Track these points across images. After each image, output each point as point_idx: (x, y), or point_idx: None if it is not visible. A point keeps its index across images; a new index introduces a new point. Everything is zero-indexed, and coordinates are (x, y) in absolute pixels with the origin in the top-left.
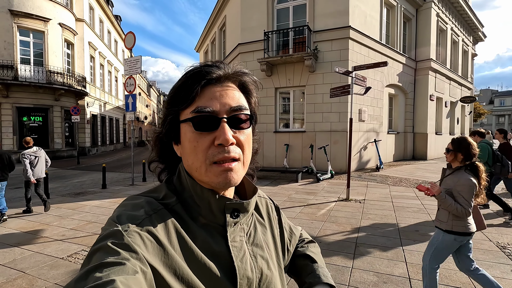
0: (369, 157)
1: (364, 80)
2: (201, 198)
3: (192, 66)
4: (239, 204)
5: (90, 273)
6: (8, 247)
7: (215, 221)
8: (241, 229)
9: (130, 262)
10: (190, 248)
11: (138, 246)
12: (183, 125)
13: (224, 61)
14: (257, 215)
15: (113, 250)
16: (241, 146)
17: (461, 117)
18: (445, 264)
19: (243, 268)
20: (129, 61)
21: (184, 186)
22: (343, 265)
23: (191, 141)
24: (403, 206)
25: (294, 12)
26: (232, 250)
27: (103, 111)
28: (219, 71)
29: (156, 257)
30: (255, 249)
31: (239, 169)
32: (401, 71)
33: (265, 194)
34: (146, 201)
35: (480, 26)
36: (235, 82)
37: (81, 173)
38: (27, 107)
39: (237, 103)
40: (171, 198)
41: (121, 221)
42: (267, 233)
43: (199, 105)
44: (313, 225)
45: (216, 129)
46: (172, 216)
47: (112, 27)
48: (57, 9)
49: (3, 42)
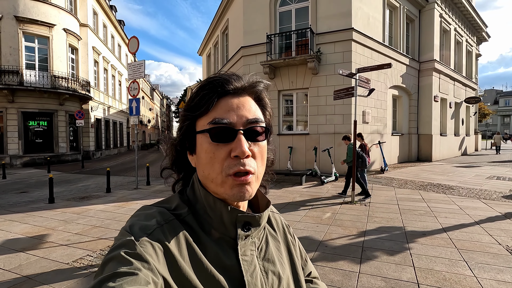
0: (374, 159)
1: (367, 82)
2: (213, 210)
3: (208, 77)
4: (251, 217)
5: (103, 283)
6: (13, 252)
7: (227, 234)
8: (252, 243)
9: (142, 273)
10: (200, 260)
11: (150, 256)
12: (200, 136)
13: (226, 64)
14: (270, 229)
15: (126, 260)
16: (256, 158)
17: (466, 117)
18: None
19: (253, 283)
20: (133, 65)
21: (197, 197)
22: (350, 270)
23: (207, 152)
24: (410, 209)
25: (296, 15)
26: (243, 264)
27: (107, 115)
28: (236, 83)
29: (167, 268)
30: (266, 264)
31: (253, 182)
32: (405, 72)
33: (277, 211)
34: (158, 211)
35: (483, 26)
36: (251, 94)
37: (86, 177)
38: (32, 111)
39: (253, 116)
40: (183, 209)
41: (134, 231)
42: (281, 248)
43: (216, 117)
44: (318, 228)
45: (233, 141)
46: (183, 227)
47: (116, 32)
48: (62, 15)
49: (9, 48)
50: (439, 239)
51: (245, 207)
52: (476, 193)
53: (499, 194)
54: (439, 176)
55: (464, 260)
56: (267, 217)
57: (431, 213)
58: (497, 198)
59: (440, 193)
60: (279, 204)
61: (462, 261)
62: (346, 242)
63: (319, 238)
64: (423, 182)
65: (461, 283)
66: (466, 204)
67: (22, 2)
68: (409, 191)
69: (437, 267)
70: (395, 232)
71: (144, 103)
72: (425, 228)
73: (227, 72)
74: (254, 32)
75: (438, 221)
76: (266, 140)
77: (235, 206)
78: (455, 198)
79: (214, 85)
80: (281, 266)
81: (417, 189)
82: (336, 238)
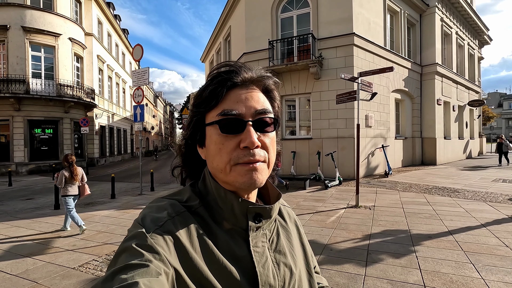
0: (377, 163)
1: (370, 86)
2: (224, 201)
3: (217, 68)
4: (261, 208)
5: (115, 274)
6: (20, 257)
7: (238, 225)
8: (263, 235)
9: (153, 264)
10: (211, 251)
11: (161, 247)
12: (209, 128)
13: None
14: (282, 221)
15: (137, 252)
16: (266, 148)
17: (469, 121)
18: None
19: (265, 274)
20: (137, 72)
21: (208, 189)
22: (355, 273)
23: (216, 143)
24: (415, 212)
25: (298, 21)
26: (254, 255)
27: (111, 122)
28: (244, 74)
29: (178, 259)
30: (277, 256)
31: (264, 170)
32: (407, 76)
33: (288, 205)
34: (169, 204)
35: (485, 29)
36: (260, 85)
37: (90, 183)
38: (37, 119)
39: (262, 107)
40: (195, 200)
41: (145, 223)
42: (292, 240)
43: (225, 108)
44: (323, 232)
45: (242, 132)
46: (195, 218)
47: (120, 40)
48: (67, 25)
49: (16, 58)
50: (445, 241)
51: (254, 199)
52: (482, 195)
53: (505, 196)
54: (444, 179)
55: (471, 263)
56: (278, 210)
57: (437, 216)
58: (503, 201)
59: (445, 196)
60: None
61: (469, 264)
62: (351, 246)
63: (324, 242)
64: (428, 185)
65: (469, 285)
66: (472, 207)
67: (29, 12)
68: (414, 195)
69: (443, 270)
70: (400, 235)
71: (147, 110)
72: (430, 231)
73: (236, 62)
74: (256, 38)
75: (444, 224)
76: (275, 131)
77: (246, 198)
78: (461, 201)
79: (223, 78)
80: (292, 259)
81: (422, 193)
82: (341, 242)
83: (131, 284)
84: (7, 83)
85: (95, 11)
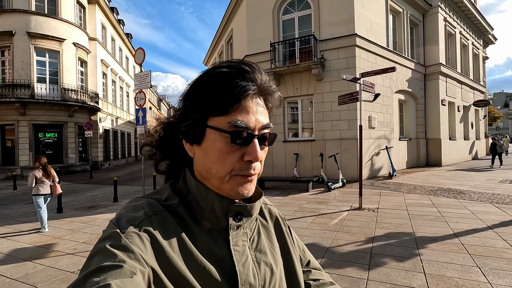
0: (381, 164)
1: (372, 87)
2: (205, 200)
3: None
4: (242, 207)
5: (87, 277)
6: (21, 261)
7: (218, 224)
8: (244, 234)
9: (127, 264)
10: (190, 251)
11: (137, 246)
12: (213, 132)
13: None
14: (263, 220)
15: (110, 253)
16: (261, 161)
17: (475, 121)
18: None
19: (245, 273)
20: (139, 76)
21: (189, 189)
22: (358, 277)
23: (221, 152)
24: (419, 214)
25: (299, 23)
26: (234, 254)
27: (115, 126)
28: (258, 82)
29: (155, 258)
30: (258, 255)
31: (255, 181)
32: (410, 77)
33: (271, 203)
34: (146, 203)
35: (489, 29)
36: (264, 95)
37: (94, 187)
38: (42, 123)
39: (266, 121)
40: (174, 200)
41: (120, 223)
42: (273, 239)
43: (239, 119)
44: (325, 235)
45: (248, 145)
46: (173, 217)
47: (123, 45)
48: (72, 30)
49: (21, 63)
50: (450, 244)
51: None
52: (489, 197)
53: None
54: (449, 180)
55: (478, 266)
56: (259, 209)
57: (442, 218)
58: (510, 202)
59: (451, 198)
60: (285, 211)
61: (475, 267)
62: (353, 249)
63: (326, 245)
64: (433, 187)
65: None
66: (478, 209)
67: (34, 18)
68: (418, 196)
69: (449, 273)
70: (404, 238)
71: (151, 114)
72: (435, 233)
73: (247, 62)
74: (258, 40)
75: (449, 226)
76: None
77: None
78: (467, 203)
79: (240, 85)
80: (273, 258)
81: (426, 194)
82: (343, 245)
83: (103, 286)
84: (13, 88)
85: (99, 16)
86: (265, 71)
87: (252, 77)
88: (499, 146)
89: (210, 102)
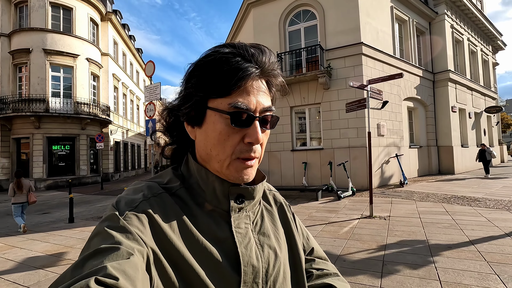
0: (392, 172)
1: (380, 93)
2: (206, 182)
3: (231, 46)
4: (243, 189)
5: (86, 260)
6: (33, 269)
7: (220, 207)
8: (247, 217)
9: (124, 245)
10: (191, 232)
11: (135, 227)
12: (213, 113)
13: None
14: (267, 205)
15: (108, 235)
16: (262, 144)
17: (487, 128)
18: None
19: (248, 255)
20: (149, 87)
21: (191, 172)
22: (370, 285)
23: (222, 134)
24: (433, 222)
25: (305, 33)
26: (236, 236)
27: (125, 138)
28: (261, 63)
29: (154, 239)
30: (261, 238)
31: (256, 166)
32: (419, 84)
33: (276, 190)
34: (147, 186)
35: (498, 35)
36: (267, 76)
37: (104, 198)
38: (56, 136)
39: (268, 103)
40: (175, 182)
41: (119, 206)
42: (277, 224)
43: (239, 100)
44: (335, 243)
45: (248, 126)
46: (174, 200)
47: (134, 59)
48: (85, 46)
49: (37, 78)
50: (466, 252)
51: None
52: (505, 204)
53: None
54: (463, 188)
55: (496, 274)
56: (263, 192)
57: (457, 225)
58: None
59: (466, 206)
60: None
61: (494, 275)
62: (365, 256)
63: (337, 253)
64: (446, 194)
65: None
66: (495, 216)
67: (50, 36)
68: (431, 204)
69: (465, 281)
70: (417, 245)
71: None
72: (450, 241)
73: (252, 44)
74: None
75: (465, 233)
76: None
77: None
78: (482, 210)
79: (242, 66)
80: (277, 242)
81: (440, 202)
82: (354, 252)
83: (100, 269)
84: (29, 103)
85: (111, 32)
86: (272, 53)
87: (256, 59)
88: (488, 153)
89: (211, 83)
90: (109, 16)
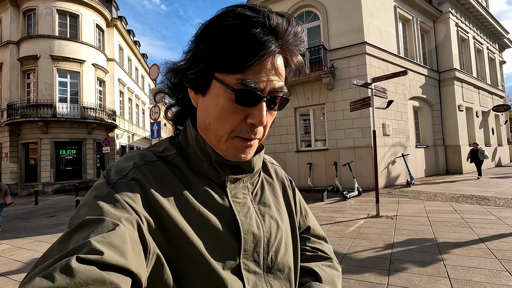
0: (398, 172)
1: (384, 91)
2: (204, 152)
3: (253, 9)
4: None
5: (72, 234)
6: None
7: (217, 177)
8: (244, 187)
9: (111, 216)
10: (187, 200)
11: (124, 195)
12: (218, 85)
13: None
14: (268, 177)
15: (95, 205)
16: (265, 126)
17: (496, 127)
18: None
19: (248, 223)
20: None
21: (189, 141)
22: (377, 282)
23: (224, 109)
24: (441, 221)
25: (309, 34)
26: (234, 205)
27: (131, 142)
28: (284, 37)
29: (145, 207)
30: (262, 208)
31: (255, 146)
32: (424, 83)
33: (278, 164)
34: (139, 154)
35: (504, 33)
36: (286, 54)
37: None
38: (63, 141)
39: (280, 84)
40: (171, 151)
41: (109, 174)
42: (278, 196)
43: (249, 77)
44: (342, 242)
45: (254, 106)
46: (169, 168)
47: (139, 64)
48: (91, 52)
49: (45, 84)
50: (476, 249)
51: None
52: None
53: None
54: (471, 187)
55: (507, 271)
56: (264, 165)
57: (465, 224)
58: None
59: (474, 204)
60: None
61: (505, 272)
62: (372, 255)
63: (343, 251)
64: (454, 194)
65: None
66: (505, 214)
67: (57, 42)
68: (439, 203)
69: (475, 278)
70: (425, 243)
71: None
72: (459, 239)
73: (277, 12)
74: None
75: (474, 231)
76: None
77: None
78: (492, 209)
79: (259, 41)
80: (278, 213)
81: (448, 201)
82: (361, 251)
83: (84, 244)
84: (36, 108)
85: (117, 38)
86: (299, 24)
87: (278, 31)
88: (481, 153)
89: (222, 56)
90: (115, 22)
